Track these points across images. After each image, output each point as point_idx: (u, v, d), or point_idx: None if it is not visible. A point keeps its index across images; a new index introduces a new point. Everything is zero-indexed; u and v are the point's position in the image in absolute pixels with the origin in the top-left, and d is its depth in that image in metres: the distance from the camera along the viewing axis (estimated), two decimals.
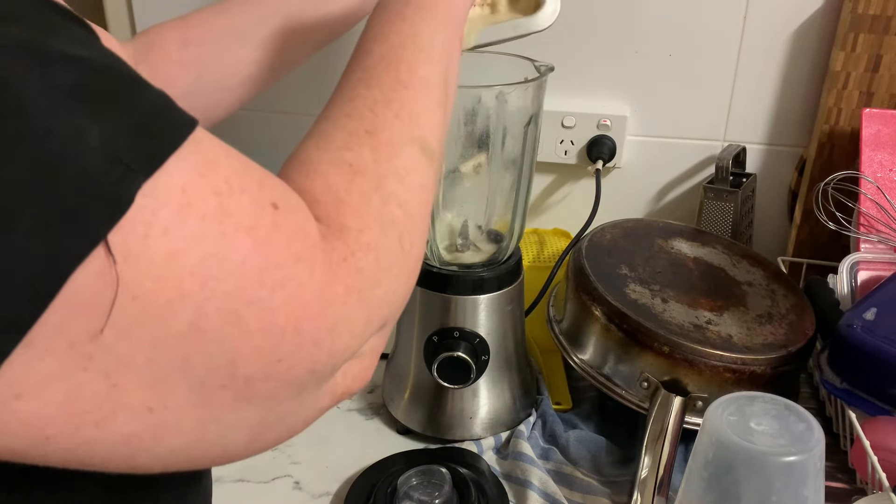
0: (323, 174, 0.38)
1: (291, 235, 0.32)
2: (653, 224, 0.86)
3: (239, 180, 0.31)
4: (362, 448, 0.75)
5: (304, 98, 1.01)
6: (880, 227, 0.82)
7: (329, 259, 0.34)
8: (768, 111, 0.97)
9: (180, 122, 0.30)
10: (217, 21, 0.66)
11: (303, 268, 0.32)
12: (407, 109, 0.42)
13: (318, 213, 0.35)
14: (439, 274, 0.73)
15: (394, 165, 0.40)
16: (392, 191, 0.39)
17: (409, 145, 0.41)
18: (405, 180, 0.40)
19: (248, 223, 0.30)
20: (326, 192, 0.37)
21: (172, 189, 0.28)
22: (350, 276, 0.34)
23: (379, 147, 0.40)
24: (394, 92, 0.42)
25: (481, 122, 0.67)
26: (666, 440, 0.63)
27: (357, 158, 0.38)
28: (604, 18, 0.96)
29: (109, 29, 1.05)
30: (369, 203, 0.37)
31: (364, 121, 0.40)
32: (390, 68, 0.43)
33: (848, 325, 0.67)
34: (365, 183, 0.38)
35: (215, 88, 0.66)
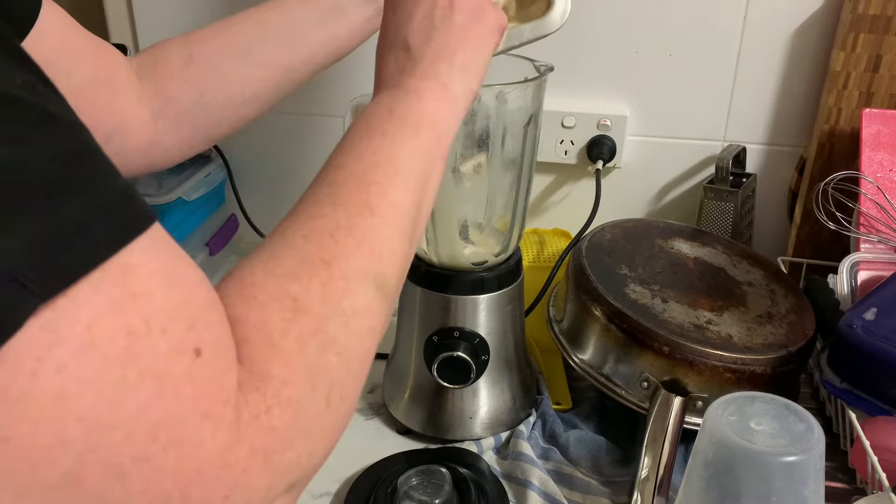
0: (262, 305, 0.34)
1: (204, 389, 0.29)
2: (653, 224, 0.86)
3: (164, 319, 0.28)
4: (362, 448, 0.75)
5: (305, 98, 1.01)
6: (880, 227, 0.82)
7: (239, 416, 0.30)
8: (768, 111, 0.97)
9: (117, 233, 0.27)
10: (221, 39, 0.65)
11: (207, 426, 0.29)
12: (369, 240, 0.39)
13: (244, 354, 0.32)
14: (439, 274, 0.73)
15: (342, 306, 0.36)
16: (333, 336, 0.35)
17: (364, 283, 0.38)
18: (351, 323, 0.36)
19: (157, 370, 0.28)
20: (260, 328, 0.33)
21: (77, 325, 0.25)
22: (259, 436, 0.31)
23: (331, 281, 0.36)
24: (359, 217, 0.39)
25: (481, 122, 0.67)
26: (666, 440, 0.63)
27: (304, 292, 0.35)
28: (604, 18, 0.96)
29: (110, 31, 1.05)
30: (304, 349, 0.34)
31: (322, 247, 0.37)
32: (360, 189, 0.40)
33: (848, 325, 0.67)
34: (305, 324, 0.34)
35: (218, 106, 0.66)
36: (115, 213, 0.27)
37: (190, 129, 0.66)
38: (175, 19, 1.02)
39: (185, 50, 0.65)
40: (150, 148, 0.64)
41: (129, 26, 1.04)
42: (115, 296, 0.27)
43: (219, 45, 0.65)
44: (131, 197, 0.28)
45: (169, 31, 0.68)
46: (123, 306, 0.27)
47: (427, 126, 0.46)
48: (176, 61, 0.64)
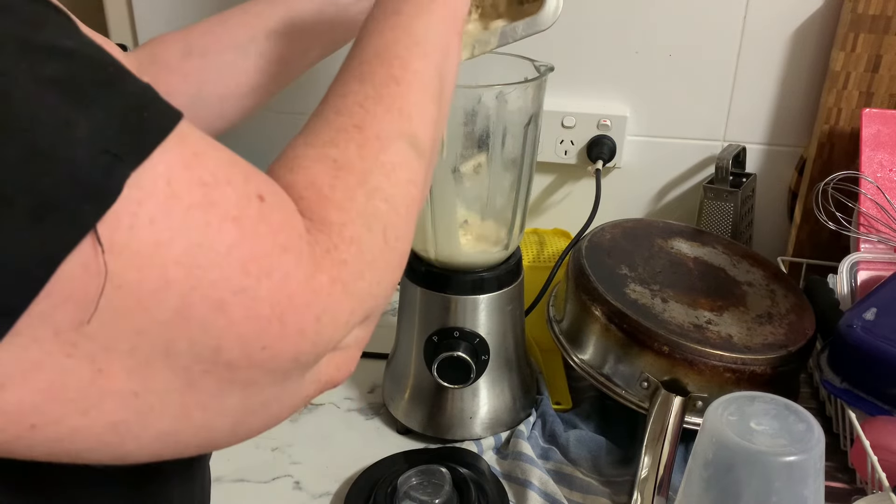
0: (307, 169, 0.38)
1: (277, 226, 0.32)
2: (653, 224, 0.86)
3: (224, 172, 0.31)
4: (362, 448, 0.75)
5: (304, 98, 1.01)
6: (880, 227, 0.82)
7: (313, 251, 0.34)
8: (768, 111, 0.97)
9: (166, 114, 0.30)
10: (218, 32, 0.66)
11: (289, 258, 0.32)
12: (398, 105, 0.42)
13: (302, 209, 0.36)
14: (439, 274, 0.73)
15: (380, 160, 0.39)
16: (377, 186, 0.39)
17: (397, 140, 0.41)
18: (391, 175, 0.40)
19: (234, 213, 0.31)
20: (310, 187, 0.37)
21: (158, 180, 0.28)
22: (334, 267, 0.35)
23: (366, 142, 0.39)
24: (385, 87, 0.42)
25: (481, 122, 0.67)
26: (666, 440, 0.63)
27: (342, 154, 0.38)
28: (604, 18, 0.96)
29: (109, 29, 1.05)
30: (353, 198, 0.37)
31: (353, 116, 0.40)
32: (383, 64, 0.43)
33: (848, 325, 0.67)
34: (349, 178, 0.38)
35: (217, 99, 0.66)
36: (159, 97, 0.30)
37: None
38: (175, 19, 1.02)
39: (182, 44, 0.65)
40: None
41: (129, 26, 1.04)
42: (181, 154, 0.30)
43: (216, 39, 0.65)
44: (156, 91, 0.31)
45: (168, 30, 0.68)
46: (191, 162, 0.30)
47: (439, 2, 0.47)
48: (174, 56, 0.65)
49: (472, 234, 0.74)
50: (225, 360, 0.31)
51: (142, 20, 1.03)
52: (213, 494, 0.70)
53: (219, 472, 0.72)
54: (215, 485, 0.71)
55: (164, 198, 0.28)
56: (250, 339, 0.31)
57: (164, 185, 0.28)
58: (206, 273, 0.29)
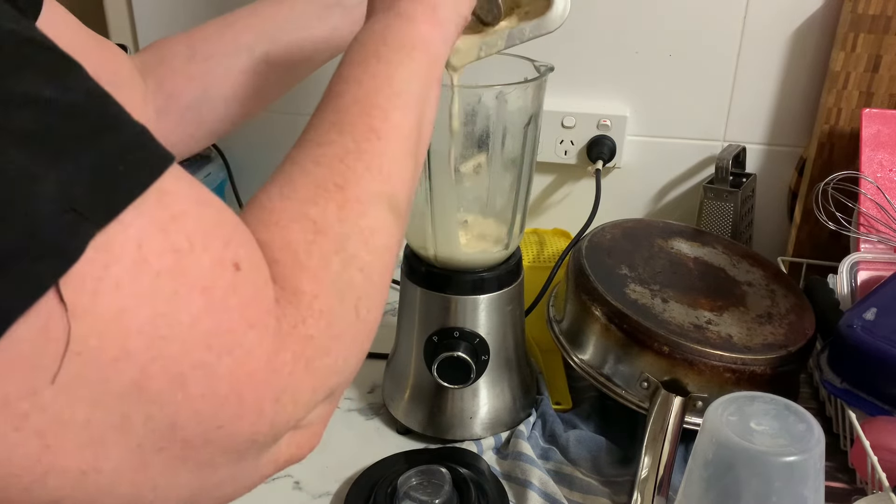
0: (284, 229, 0.36)
1: (247, 300, 0.31)
2: (653, 224, 0.86)
3: (202, 237, 0.30)
4: (362, 448, 0.75)
5: (304, 98, 1.01)
6: (880, 227, 0.82)
7: (280, 326, 0.33)
8: (768, 111, 0.97)
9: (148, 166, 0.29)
10: (224, 35, 0.66)
11: (254, 334, 0.31)
12: (378, 162, 0.41)
13: (274, 273, 0.34)
14: (439, 274, 0.73)
15: (359, 225, 0.38)
16: (354, 253, 0.37)
17: (377, 203, 0.40)
18: (369, 242, 0.38)
19: (205, 283, 0.30)
20: (285, 249, 0.35)
21: (128, 244, 0.27)
22: (299, 343, 0.33)
23: (346, 204, 0.38)
24: (367, 142, 0.41)
25: (481, 122, 0.67)
26: (666, 440, 0.63)
27: (322, 215, 0.37)
28: (604, 18, 0.96)
29: (109, 29, 1.05)
30: (328, 267, 0.36)
31: (334, 172, 0.39)
32: (363, 114, 0.42)
33: (848, 325, 0.67)
34: (326, 244, 0.36)
35: (222, 101, 0.66)
36: (145, 146, 0.29)
37: (194, 124, 0.66)
38: (175, 19, 1.02)
39: (187, 47, 0.65)
40: None
41: (129, 26, 1.04)
42: (157, 217, 0.29)
43: (222, 41, 0.66)
44: (151, 135, 0.30)
45: (169, 30, 0.68)
46: (166, 226, 0.29)
47: (420, 48, 0.46)
48: (179, 58, 0.65)
49: (472, 234, 0.74)
50: (180, 437, 0.30)
51: (142, 20, 1.04)
52: None
53: None
54: None
55: (132, 263, 0.27)
56: (207, 416, 0.30)
57: (133, 249, 0.27)
58: (168, 345, 0.28)
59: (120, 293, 0.27)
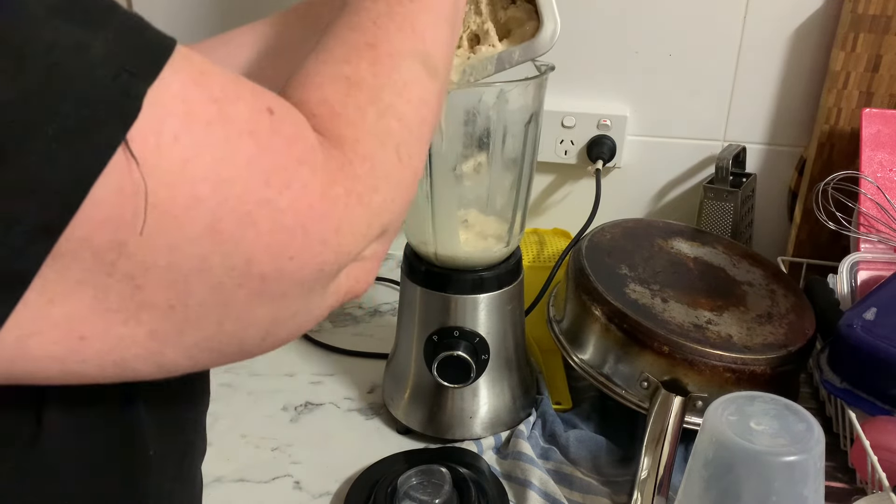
0: (319, 87, 0.38)
1: (290, 139, 0.33)
2: (653, 224, 0.86)
3: (233, 89, 0.32)
4: (362, 448, 0.75)
5: None
6: (880, 227, 0.82)
7: (328, 164, 0.35)
8: (768, 111, 0.97)
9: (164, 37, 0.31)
10: (220, 53, 0.66)
11: (305, 170, 0.33)
12: (411, 22, 0.42)
13: (315, 125, 0.36)
14: (439, 273, 0.73)
15: (392, 79, 0.40)
16: (389, 104, 0.39)
17: (410, 58, 0.41)
18: (404, 93, 0.40)
19: (249, 127, 0.32)
20: (322, 104, 0.37)
21: (174, 99, 0.29)
22: (349, 180, 0.36)
23: (378, 60, 0.40)
24: (399, 5, 0.42)
25: (481, 122, 0.67)
26: (666, 440, 0.63)
27: (355, 72, 0.39)
28: (604, 18, 0.96)
29: None
30: (365, 116, 0.38)
31: (366, 33, 0.40)
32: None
33: (848, 325, 0.67)
34: (361, 96, 0.38)
35: None
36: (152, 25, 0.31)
37: None
38: (175, 20, 1.02)
39: None
40: None
41: None
42: (189, 73, 0.30)
43: (218, 59, 0.65)
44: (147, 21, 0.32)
45: (169, 33, 0.68)
46: (200, 80, 0.31)
47: None
48: None
49: (472, 232, 0.74)
50: (257, 272, 0.32)
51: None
52: (213, 494, 0.70)
53: (219, 472, 0.72)
54: (215, 485, 0.71)
55: (182, 115, 0.29)
56: (278, 249, 0.32)
57: (180, 104, 0.29)
58: (232, 187, 0.30)
59: (179, 144, 0.29)
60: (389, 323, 0.82)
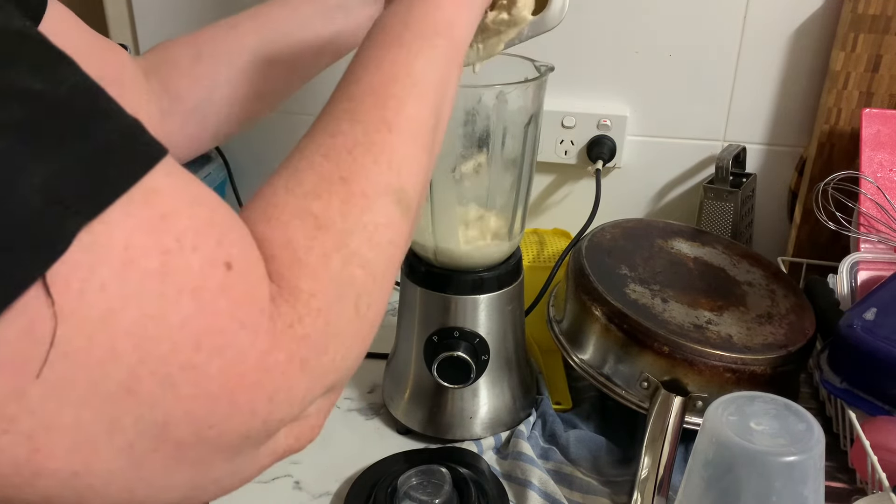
0: (285, 224, 0.35)
1: (239, 299, 0.31)
2: (653, 224, 0.86)
3: (193, 237, 0.30)
4: (362, 448, 0.75)
5: (305, 98, 1.01)
6: (880, 227, 0.82)
7: (274, 325, 0.32)
8: (768, 111, 0.97)
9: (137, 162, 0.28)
10: (229, 37, 0.66)
11: (245, 335, 0.31)
12: (388, 155, 0.39)
13: (272, 270, 0.34)
14: (439, 274, 0.73)
15: (363, 221, 0.37)
16: (356, 250, 0.37)
17: (384, 197, 0.38)
18: (373, 237, 0.38)
19: (195, 284, 0.29)
20: (285, 247, 0.35)
21: (115, 245, 0.27)
22: (294, 342, 0.33)
23: (351, 198, 0.37)
24: (377, 133, 0.40)
25: (481, 122, 0.67)
26: (666, 440, 0.63)
27: (324, 210, 0.36)
28: (604, 18, 0.96)
29: (109, 29, 1.05)
30: (328, 264, 0.35)
31: (340, 165, 0.38)
32: (377, 104, 0.41)
33: (848, 325, 0.67)
34: (327, 241, 0.36)
35: (226, 103, 0.66)
36: (135, 140, 0.29)
37: (198, 126, 0.66)
38: (175, 19, 1.02)
39: (192, 48, 0.65)
40: None
41: (129, 26, 1.04)
42: (145, 217, 0.28)
43: (227, 44, 0.66)
44: (143, 128, 0.30)
45: (169, 31, 0.68)
46: (155, 226, 0.28)
47: (444, 34, 0.45)
48: (184, 60, 0.65)
49: (472, 231, 0.74)
50: (173, 437, 0.29)
51: (142, 20, 1.03)
52: None
53: None
54: None
55: (118, 264, 0.27)
56: (198, 416, 0.29)
57: (120, 251, 0.27)
58: (156, 346, 0.28)
59: (106, 294, 0.27)
60: (389, 323, 0.82)
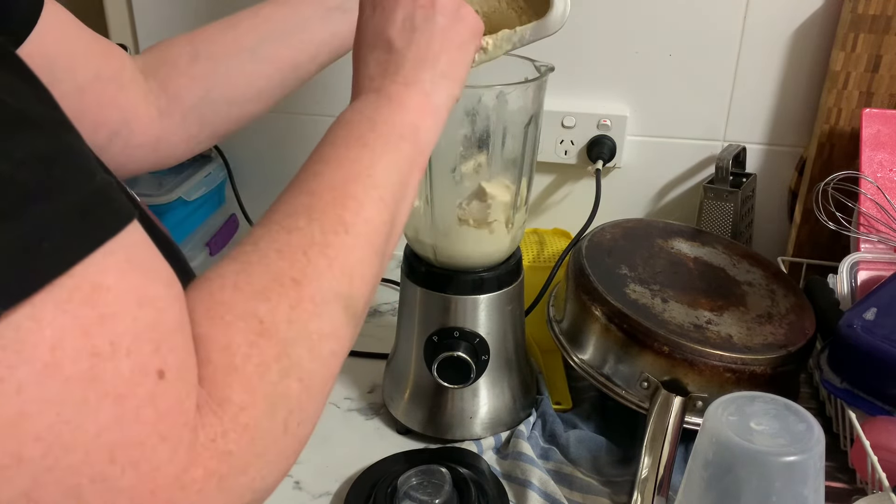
0: (228, 325, 0.34)
1: (165, 411, 0.29)
2: (653, 224, 0.86)
3: (130, 341, 0.28)
4: (362, 448, 0.75)
5: (305, 98, 1.01)
6: (880, 227, 0.82)
7: (196, 438, 0.31)
8: (768, 111, 0.97)
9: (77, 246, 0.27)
10: (228, 36, 0.66)
11: (164, 448, 0.29)
12: (341, 260, 0.39)
13: (205, 374, 0.32)
14: (439, 274, 0.73)
15: (308, 329, 0.36)
16: (296, 361, 0.35)
17: (333, 304, 0.38)
18: (316, 348, 0.36)
19: (120, 391, 0.28)
20: (223, 350, 0.33)
21: (41, 345, 0.25)
22: (214, 459, 0.31)
23: (300, 303, 0.36)
24: (334, 234, 0.39)
25: (481, 122, 0.67)
26: (666, 440, 0.63)
27: (270, 315, 0.35)
28: (604, 18, 0.96)
29: (109, 29, 1.05)
30: (264, 375, 0.34)
31: (294, 265, 0.37)
32: (336, 203, 0.40)
33: (848, 325, 0.67)
34: (268, 349, 0.34)
35: (225, 103, 0.66)
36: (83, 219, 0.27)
37: (196, 125, 0.66)
38: (175, 19, 1.02)
39: (191, 48, 0.65)
40: (156, 145, 0.65)
41: (129, 26, 1.04)
42: (82, 316, 0.26)
43: (225, 43, 0.66)
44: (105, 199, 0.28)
45: (169, 30, 0.68)
46: (90, 328, 0.27)
47: (409, 138, 0.45)
48: (182, 59, 0.65)
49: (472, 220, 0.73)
50: None
51: (142, 20, 1.03)
52: None
53: None
54: None
55: (41, 366, 0.25)
56: None
57: (46, 352, 0.25)
58: (67, 455, 0.26)
59: (21, 398, 0.25)
60: (389, 323, 0.82)
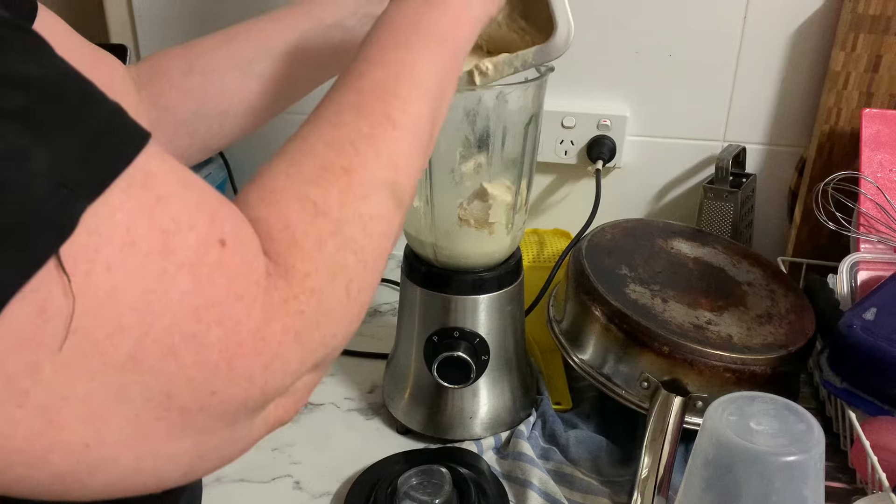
0: (285, 207, 0.37)
1: (235, 274, 0.32)
2: (653, 224, 0.86)
3: (188, 217, 0.31)
4: (362, 448, 0.75)
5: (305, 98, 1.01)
6: (880, 227, 0.82)
7: (270, 298, 0.34)
8: (768, 111, 0.97)
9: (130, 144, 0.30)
10: (222, 50, 0.65)
11: (241, 306, 0.32)
12: (388, 150, 0.41)
13: (269, 249, 0.35)
14: (439, 274, 0.73)
15: (360, 211, 0.39)
16: (351, 237, 0.38)
17: (381, 190, 0.40)
18: (367, 227, 0.39)
19: (191, 261, 0.31)
20: (283, 229, 0.36)
21: (117, 227, 0.28)
22: (289, 317, 0.34)
23: (350, 188, 0.39)
24: (381, 128, 0.41)
25: (481, 122, 0.67)
26: (666, 440, 0.63)
27: (323, 198, 0.38)
28: (604, 18, 0.96)
29: (109, 29, 1.05)
30: (323, 248, 0.37)
31: (342, 155, 0.39)
32: (382, 100, 0.42)
33: (848, 325, 0.67)
34: (324, 227, 0.37)
35: (217, 117, 0.66)
36: (125, 123, 0.30)
37: (187, 138, 0.66)
38: (175, 20, 1.02)
39: (184, 61, 0.65)
40: None
41: (129, 26, 1.04)
42: (143, 200, 0.29)
43: (219, 58, 0.65)
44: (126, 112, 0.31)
45: (168, 31, 0.68)
46: (153, 208, 0.30)
47: (449, 43, 0.47)
48: (175, 72, 0.64)
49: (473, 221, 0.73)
50: (177, 405, 0.31)
51: (142, 20, 1.03)
52: (213, 494, 0.70)
53: (219, 472, 0.72)
54: (215, 485, 0.71)
55: (121, 245, 0.28)
56: (200, 383, 0.31)
57: (122, 233, 0.28)
58: (159, 319, 0.29)
59: (111, 274, 0.28)
60: (389, 323, 0.82)
